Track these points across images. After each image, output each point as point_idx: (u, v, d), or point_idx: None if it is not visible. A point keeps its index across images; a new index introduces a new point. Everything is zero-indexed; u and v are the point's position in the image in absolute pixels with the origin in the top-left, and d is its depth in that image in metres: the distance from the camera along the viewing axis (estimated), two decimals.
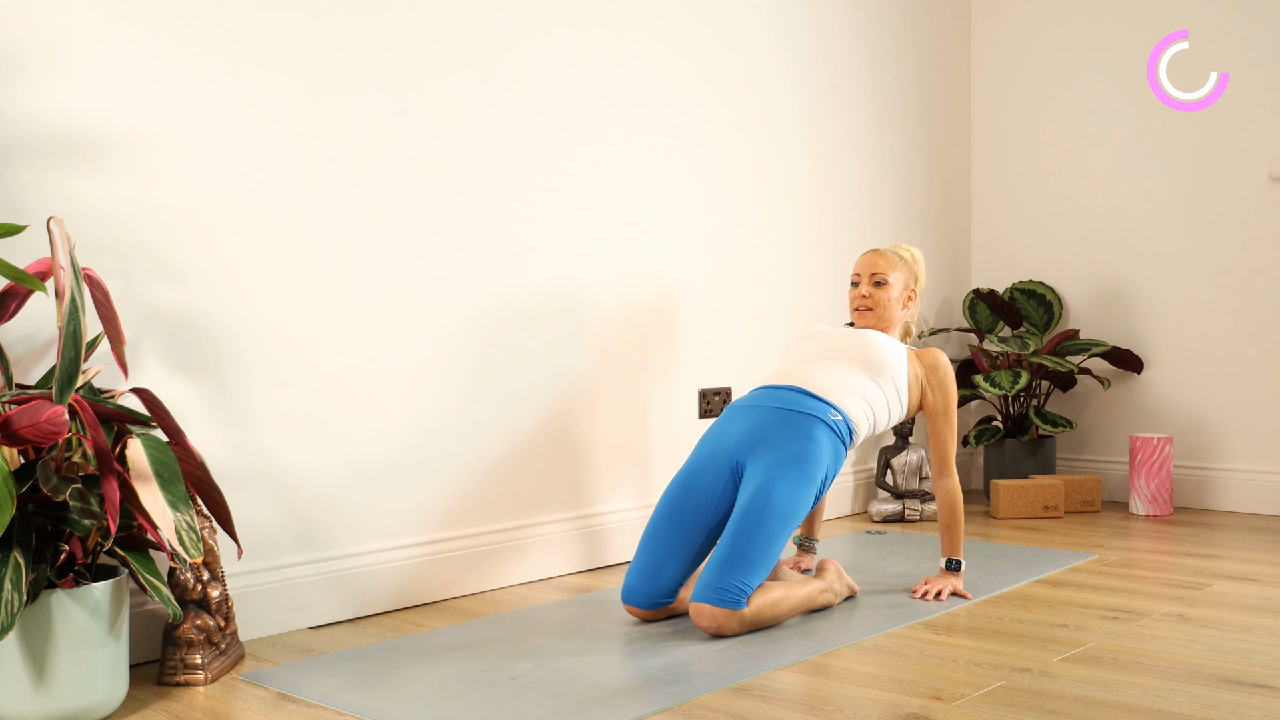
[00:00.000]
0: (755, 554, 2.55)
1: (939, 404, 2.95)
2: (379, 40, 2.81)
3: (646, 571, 2.67)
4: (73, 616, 1.98)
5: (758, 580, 2.54)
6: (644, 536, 2.73)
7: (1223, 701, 2.08)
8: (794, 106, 3.94)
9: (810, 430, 2.73)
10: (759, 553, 2.55)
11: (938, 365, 2.97)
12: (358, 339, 2.78)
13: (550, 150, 3.18)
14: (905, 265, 3.03)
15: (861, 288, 3.02)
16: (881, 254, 3.04)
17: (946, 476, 2.92)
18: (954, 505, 2.90)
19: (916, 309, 3.09)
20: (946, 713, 2.04)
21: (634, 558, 2.73)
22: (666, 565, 2.66)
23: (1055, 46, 4.51)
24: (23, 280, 1.96)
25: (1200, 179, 4.18)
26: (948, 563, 2.91)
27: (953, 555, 2.90)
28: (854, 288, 3.04)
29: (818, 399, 2.81)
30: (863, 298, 3.02)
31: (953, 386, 2.97)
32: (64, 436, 1.91)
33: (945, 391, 2.95)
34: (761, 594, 2.57)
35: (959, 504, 2.90)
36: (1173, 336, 4.26)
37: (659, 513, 2.74)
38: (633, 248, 3.40)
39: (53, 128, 2.30)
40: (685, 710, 2.07)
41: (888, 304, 3.00)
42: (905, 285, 3.03)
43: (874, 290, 3.00)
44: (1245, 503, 4.12)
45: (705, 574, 2.55)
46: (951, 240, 4.66)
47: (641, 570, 2.67)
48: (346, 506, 2.77)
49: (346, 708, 2.11)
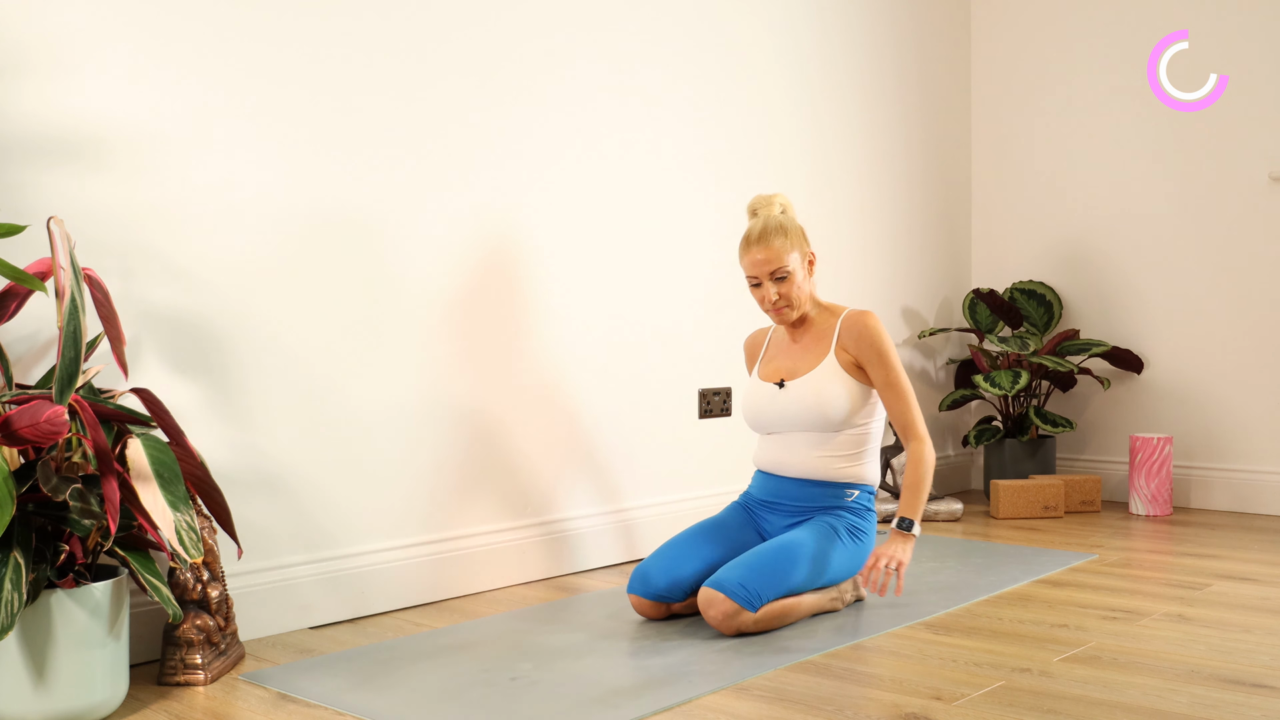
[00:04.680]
0: (781, 570, 2.57)
1: (880, 378, 2.73)
2: (379, 40, 2.81)
3: (669, 559, 2.69)
4: (73, 616, 1.98)
5: (773, 595, 2.55)
6: (674, 538, 2.79)
7: (1223, 701, 2.08)
8: (794, 106, 3.94)
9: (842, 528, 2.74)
10: (784, 571, 2.57)
11: (863, 336, 2.74)
12: (358, 339, 2.78)
13: (551, 150, 3.18)
14: (790, 237, 2.74)
15: (765, 289, 2.76)
16: (766, 243, 2.73)
17: (912, 439, 2.72)
18: (916, 464, 2.70)
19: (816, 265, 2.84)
20: (946, 713, 2.04)
21: (654, 553, 2.74)
22: (692, 558, 2.69)
23: (1055, 46, 4.51)
24: (23, 280, 1.96)
25: (1200, 179, 4.18)
26: (899, 521, 2.68)
27: (905, 514, 2.68)
28: (755, 288, 2.78)
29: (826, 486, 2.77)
30: (773, 302, 2.76)
31: (888, 351, 2.72)
32: (64, 436, 1.91)
33: (883, 362, 2.72)
34: (770, 605, 2.57)
35: (923, 464, 2.69)
36: (1173, 336, 4.26)
37: (696, 525, 2.83)
38: (633, 247, 3.40)
39: (53, 128, 2.30)
40: (685, 710, 2.07)
41: (799, 293, 2.77)
42: (802, 258, 2.77)
43: (780, 286, 2.75)
44: (1245, 503, 4.11)
45: (726, 569, 2.56)
46: (951, 240, 4.66)
47: (663, 557, 2.70)
48: (346, 506, 2.77)
49: (346, 708, 2.11)
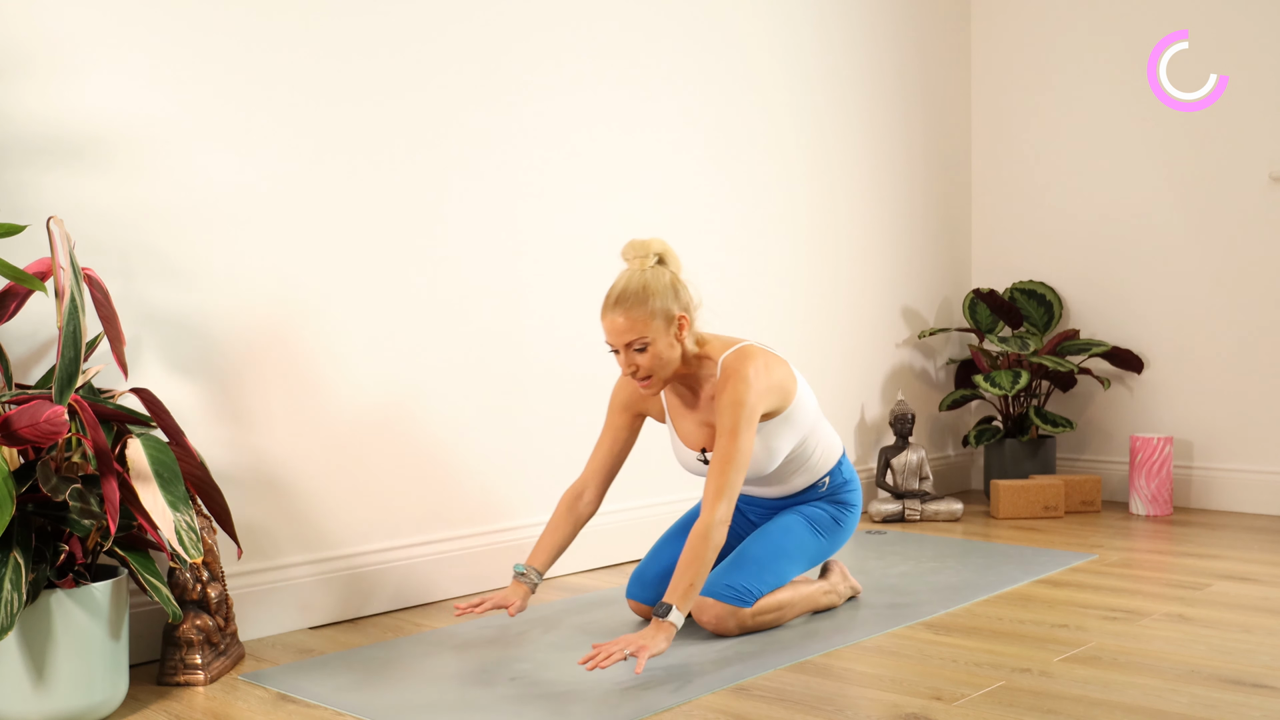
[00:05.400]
0: (767, 561, 2.57)
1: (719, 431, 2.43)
2: (379, 40, 2.81)
3: (657, 558, 2.69)
4: (73, 616, 1.98)
5: (766, 588, 2.55)
6: (662, 536, 2.78)
7: (1223, 701, 2.07)
8: (794, 106, 3.93)
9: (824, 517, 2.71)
10: (770, 561, 2.57)
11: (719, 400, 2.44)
12: (358, 339, 2.78)
13: (551, 150, 3.18)
14: (650, 304, 2.39)
15: (624, 358, 2.44)
16: (624, 310, 2.38)
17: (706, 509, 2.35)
18: (697, 539, 2.31)
19: (693, 326, 2.48)
20: (946, 713, 2.04)
21: (646, 555, 2.74)
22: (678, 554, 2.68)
23: (1055, 46, 4.50)
24: (23, 280, 1.96)
25: (1200, 179, 4.18)
26: (656, 607, 2.29)
27: (668, 599, 2.29)
28: (616, 354, 2.46)
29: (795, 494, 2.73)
30: (634, 373, 2.44)
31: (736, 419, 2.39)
32: (64, 436, 1.91)
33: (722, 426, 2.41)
34: (766, 597, 2.57)
35: (705, 542, 2.30)
36: (1173, 336, 4.26)
37: (681, 520, 2.81)
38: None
39: (53, 127, 2.30)
40: (685, 710, 2.07)
41: (660, 364, 2.43)
42: (668, 325, 2.41)
43: (639, 358, 2.42)
44: (1245, 503, 4.11)
45: (714, 573, 2.56)
46: (951, 240, 4.66)
47: (653, 558, 2.70)
48: (346, 506, 2.77)
49: (346, 708, 2.11)
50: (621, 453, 2.69)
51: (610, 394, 2.72)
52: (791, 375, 2.58)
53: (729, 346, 2.52)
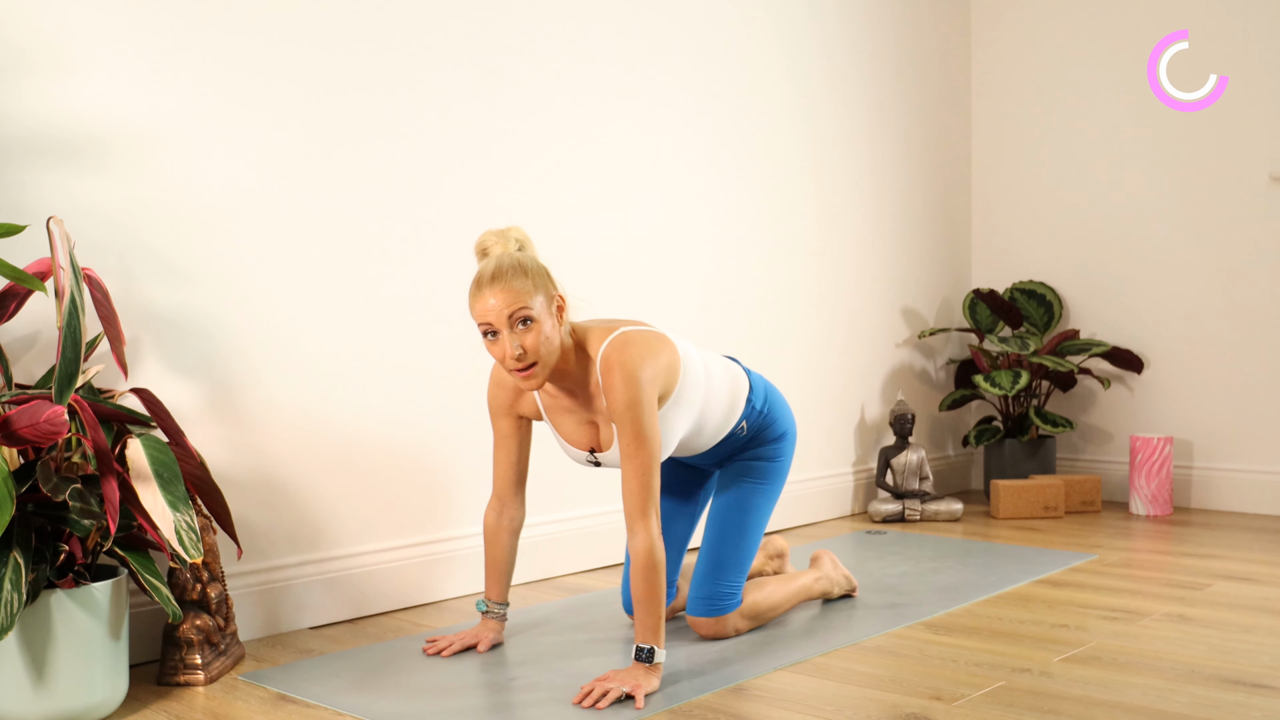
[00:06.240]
0: (731, 553, 2.54)
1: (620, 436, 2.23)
2: (379, 40, 2.81)
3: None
4: (73, 616, 1.98)
5: (744, 575, 2.55)
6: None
7: (1223, 701, 2.08)
8: (794, 106, 3.93)
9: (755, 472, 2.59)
10: (734, 551, 2.54)
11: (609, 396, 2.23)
12: (357, 339, 2.78)
13: (552, 150, 3.18)
14: (531, 276, 2.18)
15: (504, 341, 2.16)
16: (504, 284, 2.14)
17: (632, 532, 2.19)
18: (644, 568, 2.17)
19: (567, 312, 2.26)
20: (946, 713, 2.04)
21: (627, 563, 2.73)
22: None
23: (1055, 46, 4.50)
24: (23, 280, 1.96)
25: (1200, 179, 4.18)
26: (636, 651, 2.18)
27: (643, 641, 2.17)
28: (490, 340, 2.18)
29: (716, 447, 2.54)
30: (516, 359, 2.16)
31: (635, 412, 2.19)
32: (64, 436, 1.91)
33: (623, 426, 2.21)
34: (755, 589, 2.57)
35: (650, 569, 2.16)
36: (1173, 336, 4.26)
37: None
38: (633, 246, 3.40)
39: (53, 128, 2.30)
40: (685, 710, 2.07)
41: (548, 346, 2.18)
42: (549, 301, 2.19)
43: (524, 337, 2.15)
44: (1245, 503, 4.11)
45: (694, 586, 2.54)
46: (951, 240, 4.66)
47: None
48: (346, 506, 2.77)
49: (346, 708, 2.11)
50: (521, 457, 2.48)
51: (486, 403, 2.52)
52: (673, 348, 2.34)
53: (605, 336, 2.27)
